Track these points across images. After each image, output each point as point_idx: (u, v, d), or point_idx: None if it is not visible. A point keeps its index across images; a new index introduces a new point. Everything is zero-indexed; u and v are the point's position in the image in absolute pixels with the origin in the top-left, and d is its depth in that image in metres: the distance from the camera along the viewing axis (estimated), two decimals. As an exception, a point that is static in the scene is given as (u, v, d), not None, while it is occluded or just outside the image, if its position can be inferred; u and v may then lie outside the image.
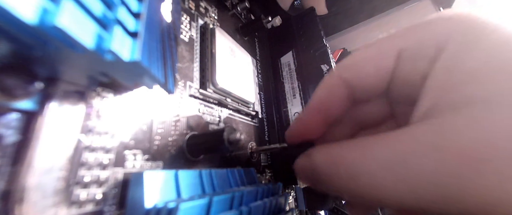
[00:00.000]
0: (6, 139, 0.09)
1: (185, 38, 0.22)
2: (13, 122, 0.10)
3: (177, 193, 0.13)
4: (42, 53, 0.09)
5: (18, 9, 0.06)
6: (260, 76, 0.35)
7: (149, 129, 0.16)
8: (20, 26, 0.07)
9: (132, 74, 0.11)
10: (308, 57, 0.32)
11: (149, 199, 0.12)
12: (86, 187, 0.11)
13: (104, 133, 0.13)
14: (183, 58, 0.21)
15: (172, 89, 0.13)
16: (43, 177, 0.10)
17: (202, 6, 0.26)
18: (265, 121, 0.32)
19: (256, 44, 0.37)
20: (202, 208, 0.12)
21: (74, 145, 0.11)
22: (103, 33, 0.08)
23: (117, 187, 0.13)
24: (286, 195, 0.20)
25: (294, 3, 0.41)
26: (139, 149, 0.15)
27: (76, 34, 0.07)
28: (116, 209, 0.12)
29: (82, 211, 0.11)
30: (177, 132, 0.18)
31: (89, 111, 0.12)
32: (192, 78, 0.21)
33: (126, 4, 0.09)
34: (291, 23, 0.36)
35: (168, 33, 0.14)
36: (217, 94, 0.23)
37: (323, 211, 0.29)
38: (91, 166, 0.12)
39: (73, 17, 0.07)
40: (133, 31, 0.09)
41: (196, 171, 0.15)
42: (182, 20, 0.22)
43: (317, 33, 0.33)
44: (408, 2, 0.39)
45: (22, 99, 0.10)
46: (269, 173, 0.28)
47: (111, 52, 0.08)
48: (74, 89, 0.11)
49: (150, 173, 0.12)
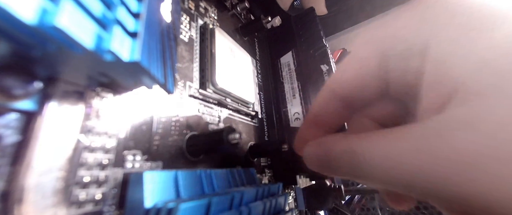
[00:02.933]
0: (5, 139, 0.09)
1: (185, 38, 0.22)
2: (13, 122, 0.10)
3: (177, 193, 0.13)
4: (42, 53, 0.09)
5: (17, 9, 0.06)
6: (260, 76, 0.35)
7: (149, 129, 0.16)
8: (19, 26, 0.07)
9: (132, 74, 0.11)
10: (308, 57, 0.32)
11: (148, 199, 0.12)
12: (85, 187, 0.11)
13: (104, 133, 0.13)
14: (183, 58, 0.21)
15: (171, 90, 0.13)
16: (43, 177, 0.10)
17: (201, 6, 0.26)
18: (265, 121, 0.32)
19: (256, 44, 0.37)
20: (201, 208, 0.12)
21: (73, 145, 0.11)
22: (103, 33, 0.08)
23: (117, 187, 0.13)
24: (286, 195, 0.20)
25: (293, 3, 0.41)
26: (139, 149, 0.15)
27: (75, 34, 0.07)
28: (115, 209, 0.12)
29: (81, 211, 0.11)
30: (177, 132, 0.18)
31: (89, 111, 0.12)
32: (192, 78, 0.21)
33: (126, 4, 0.09)
34: (291, 24, 0.36)
35: (168, 33, 0.14)
36: (217, 95, 0.23)
37: (323, 211, 0.29)
38: (91, 166, 0.12)
39: (72, 17, 0.07)
40: (133, 31, 0.09)
41: (196, 171, 0.15)
42: (182, 20, 0.22)
43: (317, 33, 0.33)
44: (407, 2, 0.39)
45: (21, 99, 0.10)
46: (269, 173, 0.28)
47: (110, 53, 0.08)
48: (74, 89, 0.11)
49: (149, 173, 0.12)
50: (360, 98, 0.12)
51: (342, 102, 0.12)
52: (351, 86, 0.12)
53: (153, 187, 0.12)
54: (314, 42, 0.33)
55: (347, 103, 0.12)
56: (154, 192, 0.12)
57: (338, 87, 0.12)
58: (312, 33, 0.34)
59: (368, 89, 0.11)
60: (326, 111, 0.13)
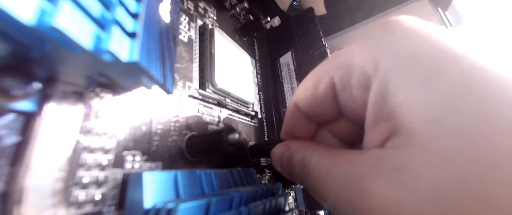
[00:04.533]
0: (4, 140, 0.09)
1: (184, 38, 0.22)
2: (12, 122, 0.10)
3: (176, 193, 0.13)
4: (40, 54, 0.09)
5: (16, 9, 0.06)
6: (259, 76, 0.35)
7: (148, 130, 0.16)
8: (18, 26, 0.07)
9: (131, 74, 0.11)
10: (307, 57, 0.32)
11: (148, 199, 0.12)
12: (85, 187, 0.11)
13: (103, 134, 0.13)
14: (182, 58, 0.21)
15: (171, 90, 0.13)
16: (42, 178, 0.10)
17: (201, 6, 0.26)
18: (265, 121, 0.32)
19: (255, 44, 0.37)
20: (201, 209, 0.12)
21: (72, 145, 0.11)
22: (101, 33, 0.08)
23: (116, 188, 0.13)
24: (286, 195, 0.19)
25: (292, 3, 0.41)
26: (138, 150, 0.15)
27: (74, 34, 0.07)
28: (115, 210, 0.12)
29: (81, 212, 0.11)
30: (176, 133, 0.18)
31: (88, 112, 0.12)
32: (191, 78, 0.21)
33: (125, 4, 0.09)
34: (290, 24, 0.36)
35: (167, 33, 0.14)
36: (216, 95, 0.23)
37: (322, 211, 0.29)
38: (90, 167, 0.12)
39: (71, 18, 0.07)
40: (132, 32, 0.09)
41: (196, 172, 0.15)
42: (181, 20, 0.22)
43: (316, 33, 0.33)
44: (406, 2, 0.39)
45: (20, 100, 0.10)
46: (269, 173, 0.28)
47: (109, 53, 0.08)
48: (73, 89, 0.11)
49: (149, 174, 0.12)
50: (319, 116, 0.12)
51: (306, 117, 0.13)
52: (311, 105, 0.12)
53: (153, 187, 0.12)
54: (313, 42, 0.33)
55: (310, 119, 0.13)
56: (154, 192, 0.12)
57: (300, 104, 0.12)
58: (311, 33, 0.34)
59: (325, 109, 0.12)
60: (294, 123, 0.13)
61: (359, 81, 0.09)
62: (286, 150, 0.13)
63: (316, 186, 0.10)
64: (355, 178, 0.08)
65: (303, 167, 0.11)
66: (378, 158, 0.08)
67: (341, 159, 0.09)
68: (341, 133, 0.13)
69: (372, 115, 0.09)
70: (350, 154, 0.09)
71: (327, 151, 0.10)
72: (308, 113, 0.12)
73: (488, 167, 0.06)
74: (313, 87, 0.11)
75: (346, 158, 0.09)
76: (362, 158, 0.09)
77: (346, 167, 0.09)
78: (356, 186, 0.08)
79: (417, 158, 0.07)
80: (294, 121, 0.13)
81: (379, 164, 0.08)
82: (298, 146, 0.12)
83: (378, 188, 0.07)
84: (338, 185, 0.09)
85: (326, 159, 0.10)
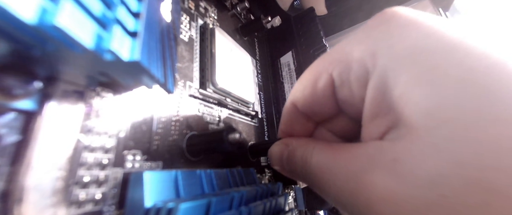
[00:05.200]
0: (5, 139, 0.09)
1: (185, 38, 0.22)
2: (12, 121, 0.10)
3: (177, 193, 0.13)
4: (41, 53, 0.09)
5: (17, 8, 0.06)
6: (260, 76, 0.35)
7: (149, 129, 0.16)
8: (19, 25, 0.07)
9: (132, 74, 0.11)
10: (307, 57, 0.32)
11: (148, 199, 0.12)
12: (85, 187, 0.11)
13: (104, 133, 0.13)
14: (183, 58, 0.21)
15: (171, 89, 0.13)
16: (42, 177, 0.10)
17: (201, 6, 0.26)
18: (265, 121, 0.32)
19: (255, 44, 0.37)
20: (201, 208, 0.12)
21: (73, 145, 0.11)
22: (103, 33, 0.08)
23: (117, 187, 0.13)
24: (286, 195, 0.19)
25: (293, 3, 0.41)
26: (139, 149, 0.15)
27: (75, 33, 0.07)
28: (115, 209, 0.12)
29: (81, 211, 0.11)
30: (177, 132, 0.18)
31: (89, 111, 0.12)
32: (192, 78, 0.21)
33: (126, 3, 0.09)
34: (291, 24, 0.36)
35: (168, 33, 0.14)
36: (217, 94, 0.23)
37: (322, 211, 0.29)
38: (91, 166, 0.12)
39: (72, 17, 0.07)
40: (133, 31, 0.09)
41: (196, 171, 0.15)
42: (182, 20, 0.22)
43: (317, 33, 0.33)
44: (407, 3, 0.39)
45: (21, 99, 0.10)
46: (269, 173, 0.28)
47: (110, 52, 0.08)
48: (74, 89, 0.11)
49: (149, 173, 0.12)
50: (318, 115, 0.12)
51: (304, 116, 0.13)
52: (309, 104, 0.12)
53: (153, 187, 0.12)
54: (314, 42, 0.33)
55: (308, 117, 0.13)
56: (154, 192, 0.12)
57: (297, 103, 0.12)
58: (312, 33, 0.34)
59: (324, 107, 0.12)
60: (292, 121, 0.13)
61: (358, 76, 0.09)
62: (285, 148, 0.13)
63: (318, 181, 0.10)
64: (354, 171, 0.08)
65: (305, 163, 0.11)
66: (377, 150, 0.08)
67: (340, 152, 0.09)
68: (339, 130, 0.13)
69: (370, 109, 0.09)
70: (349, 147, 0.09)
71: (326, 146, 0.10)
72: (306, 112, 0.12)
73: (486, 154, 0.06)
74: (312, 85, 0.11)
75: (346, 151, 0.09)
76: (361, 150, 0.09)
77: (346, 160, 0.09)
78: (356, 178, 0.08)
79: (413, 148, 0.07)
80: (291, 121, 0.13)
81: (377, 156, 0.08)
82: (297, 143, 0.12)
83: (377, 179, 0.07)
84: (339, 178, 0.09)
85: (326, 153, 0.10)
